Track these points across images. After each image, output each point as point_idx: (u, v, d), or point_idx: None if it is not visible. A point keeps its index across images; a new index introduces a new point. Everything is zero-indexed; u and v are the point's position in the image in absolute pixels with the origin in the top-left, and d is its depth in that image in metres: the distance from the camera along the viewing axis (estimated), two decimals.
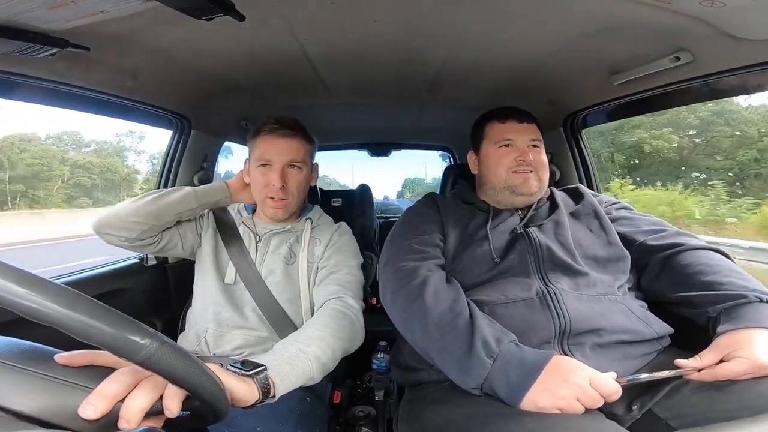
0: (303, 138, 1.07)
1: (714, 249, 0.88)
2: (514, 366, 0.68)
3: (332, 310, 0.90)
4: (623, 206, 1.05)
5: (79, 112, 1.17)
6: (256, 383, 0.58)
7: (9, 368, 0.39)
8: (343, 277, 1.01)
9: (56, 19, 0.74)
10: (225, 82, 1.32)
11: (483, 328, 0.74)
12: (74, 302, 0.35)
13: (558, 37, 1.00)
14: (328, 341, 0.78)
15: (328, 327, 0.83)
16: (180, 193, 1.04)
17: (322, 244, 1.09)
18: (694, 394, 0.68)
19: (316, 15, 0.90)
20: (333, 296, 0.95)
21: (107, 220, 1.00)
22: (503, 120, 1.04)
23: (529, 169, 0.99)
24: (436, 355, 0.76)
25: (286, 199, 1.05)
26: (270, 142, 1.04)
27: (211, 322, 1.02)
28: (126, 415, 0.41)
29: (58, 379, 0.40)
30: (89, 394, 0.40)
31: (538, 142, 1.03)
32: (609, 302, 0.82)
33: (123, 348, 0.36)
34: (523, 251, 0.89)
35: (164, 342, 0.39)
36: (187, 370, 0.41)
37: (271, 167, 1.04)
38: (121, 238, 1.01)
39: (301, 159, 1.06)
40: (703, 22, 0.80)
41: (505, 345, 0.71)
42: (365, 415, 1.26)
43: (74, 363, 0.42)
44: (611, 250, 0.91)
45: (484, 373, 0.69)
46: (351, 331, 0.88)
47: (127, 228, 0.99)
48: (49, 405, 0.39)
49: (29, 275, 0.34)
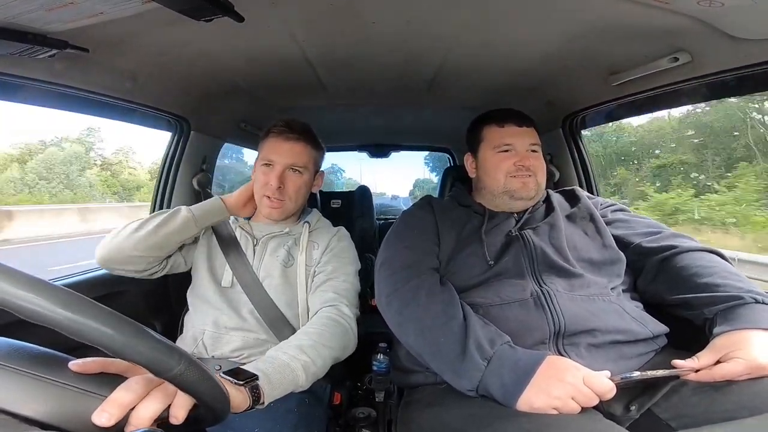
0: (309, 143, 1.08)
1: (710, 250, 0.88)
2: (508, 367, 0.68)
3: (327, 319, 0.91)
4: (619, 208, 1.05)
5: (78, 113, 1.17)
6: (248, 392, 0.61)
7: (21, 374, 0.39)
8: (340, 284, 1.02)
9: (55, 21, 0.74)
10: (224, 84, 1.32)
11: (476, 330, 0.74)
12: (116, 324, 0.37)
13: (556, 37, 1.00)
14: (319, 350, 0.81)
15: (321, 336, 0.85)
16: (179, 221, 1.02)
17: (320, 248, 1.09)
18: (693, 395, 0.68)
19: (315, 16, 0.90)
20: (328, 304, 0.96)
21: (110, 255, 1.01)
22: (502, 124, 1.03)
23: (528, 174, 0.99)
24: (431, 357, 0.77)
25: (282, 200, 1.06)
26: (275, 144, 1.06)
27: (209, 325, 1.02)
28: (135, 422, 0.43)
29: (70, 386, 0.41)
30: (100, 401, 0.41)
31: (536, 146, 1.03)
32: (603, 303, 0.82)
33: (159, 365, 0.39)
34: (518, 254, 0.89)
35: (192, 362, 0.41)
36: (207, 386, 0.43)
37: (273, 168, 1.05)
38: (129, 272, 1.04)
39: (303, 164, 1.07)
40: (701, 22, 0.81)
41: (498, 347, 0.71)
42: (365, 417, 1.25)
43: (87, 370, 0.43)
44: (606, 253, 0.92)
45: (478, 375, 0.69)
46: (343, 340, 0.90)
47: (134, 263, 1.01)
48: (60, 411, 0.40)
49: (75, 297, 0.36)
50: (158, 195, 1.49)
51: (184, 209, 1.04)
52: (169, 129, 1.46)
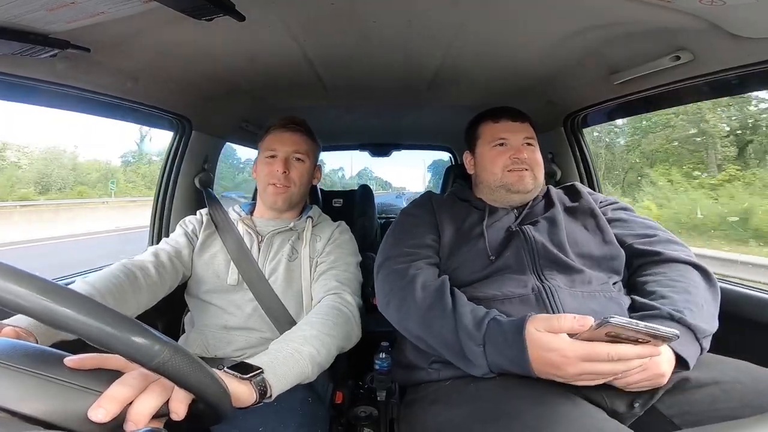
0: (307, 135, 1.15)
1: (695, 265, 0.87)
2: (501, 343, 0.69)
3: (330, 308, 0.90)
4: (621, 207, 1.05)
5: (79, 113, 1.17)
6: (254, 386, 0.60)
7: (19, 372, 0.39)
8: (342, 273, 1.02)
9: (56, 21, 0.74)
10: (225, 83, 1.32)
11: (464, 317, 0.75)
12: (93, 311, 0.36)
13: (557, 36, 0.99)
14: (323, 340, 0.79)
15: (324, 325, 0.83)
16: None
17: (322, 240, 1.11)
18: (697, 392, 0.68)
19: (315, 16, 0.90)
20: (331, 292, 0.96)
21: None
22: (496, 119, 1.06)
23: (524, 167, 1.00)
24: (440, 348, 0.78)
25: (288, 187, 1.09)
26: (277, 135, 1.13)
27: (212, 325, 1.02)
28: (133, 418, 0.42)
29: (66, 383, 0.40)
30: (97, 397, 0.41)
31: (532, 140, 1.04)
32: (604, 299, 0.82)
33: (139, 354, 0.37)
34: (519, 248, 0.90)
35: (178, 349, 0.40)
36: (198, 376, 0.42)
37: (277, 157, 1.10)
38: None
39: (305, 151, 1.12)
40: (703, 20, 0.80)
41: (485, 327, 0.72)
42: (367, 416, 1.25)
43: (83, 366, 0.42)
44: (606, 248, 0.92)
45: (482, 361, 0.71)
46: (347, 328, 0.88)
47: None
48: (58, 408, 0.39)
49: (51, 284, 0.35)
50: (160, 194, 1.50)
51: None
52: (171, 128, 1.47)
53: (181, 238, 1.10)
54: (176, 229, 1.14)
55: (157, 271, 0.98)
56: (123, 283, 0.89)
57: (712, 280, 0.85)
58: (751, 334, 0.98)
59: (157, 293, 0.99)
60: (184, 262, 1.07)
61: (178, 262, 1.05)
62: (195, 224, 1.14)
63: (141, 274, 0.94)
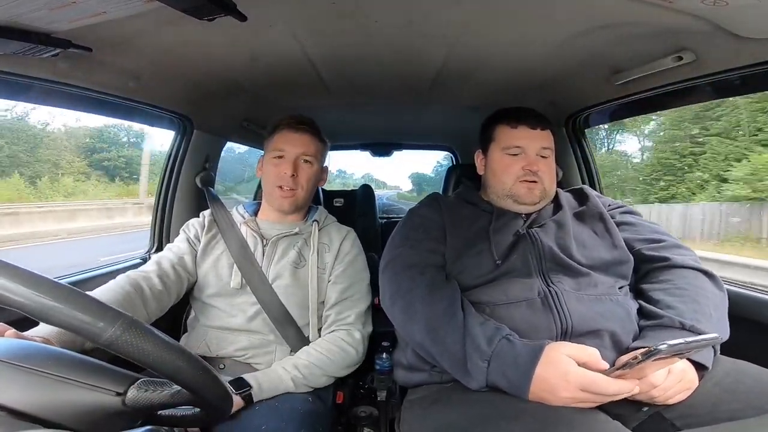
0: (316, 135, 1.12)
1: (704, 271, 0.86)
2: (509, 365, 0.69)
3: (334, 345, 1.00)
4: (628, 210, 1.03)
5: (81, 112, 1.18)
6: (241, 398, 0.80)
7: (7, 366, 0.39)
8: (356, 303, 1.07)
9: (58, 20, 0.74)
10: (227, 83, 1.32)
11: (473, 329, 0.74)
12: (34, 283, 0.33)
13: (559, 36, 0.99)
14: (312, 371, 0.94)
15: (320, 361, 0.96)
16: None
17: (331, 251, 1.10)
18: (699, 394, 0.68)
19: (317, 15, 0.90)
20: (343, 326, 1.04)
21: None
22: (515, 125, 1.00)
23: (535, 180, 0.97)
24: (440, 357, 0.77)
25: (294, 190, 1.08)
26: (286, 136, 1.10)
27: (215, 326, 1.02)
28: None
29: (60, 377, 0.40)
30: (89, 390, 0.40)
31: (548, 150, 1.00)
32: (611, 303, 0.81)
33: (84, 330, 0.34)
34: (526, 252, 0.89)
35: (134, 322, 0.37)
36: (160, 354, 0.38)
37: (285, 158, 1.08)
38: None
39: (313, 153, 1.10)
40: (705, 21, 0.80)
41: (496, 344, 0.71)
42: (367, 416, 1.25)
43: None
44: (615, 252, 0.90)
45: (482, 376, 0.70)
46: (344, 363, 1.00)
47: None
48: (48, 402, 0.39)
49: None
50: (161, 193, 1.50)
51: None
52: (172, 127, 1.47)
53: (183, 244, 1.10)
54: (179, 235, 1.14)
55: (161, 280, 1.00)
56: (130, 294, 0.92)
57: (720, 285, 0.84)
58: (753, 335, 0.97)
59: (164, 302, 1.00)
60: (188, 269, 1.07)
61: (182, 269, 1.05)
62: (197, 228, 1.13)
63: (146, 285, 0.96)
